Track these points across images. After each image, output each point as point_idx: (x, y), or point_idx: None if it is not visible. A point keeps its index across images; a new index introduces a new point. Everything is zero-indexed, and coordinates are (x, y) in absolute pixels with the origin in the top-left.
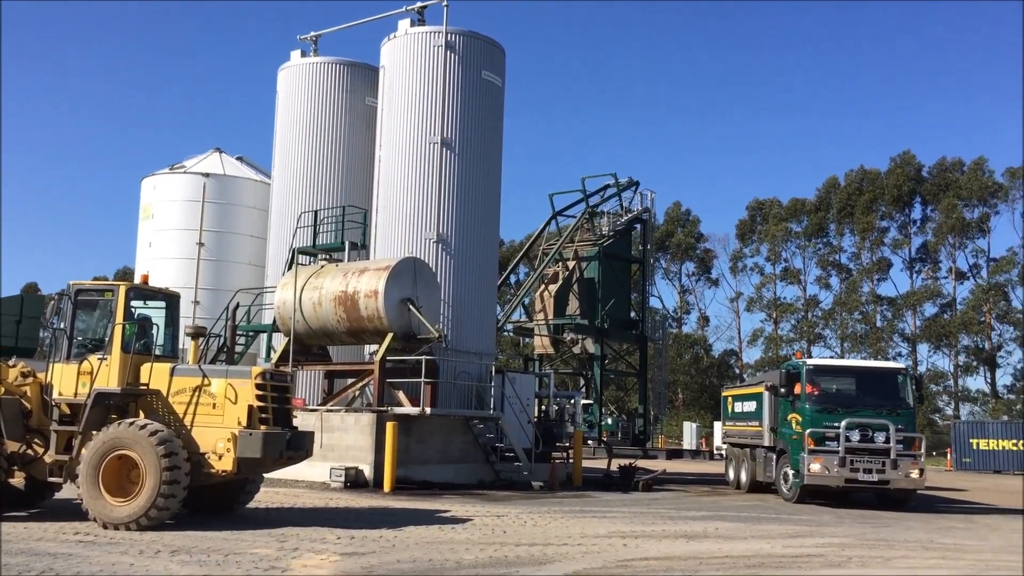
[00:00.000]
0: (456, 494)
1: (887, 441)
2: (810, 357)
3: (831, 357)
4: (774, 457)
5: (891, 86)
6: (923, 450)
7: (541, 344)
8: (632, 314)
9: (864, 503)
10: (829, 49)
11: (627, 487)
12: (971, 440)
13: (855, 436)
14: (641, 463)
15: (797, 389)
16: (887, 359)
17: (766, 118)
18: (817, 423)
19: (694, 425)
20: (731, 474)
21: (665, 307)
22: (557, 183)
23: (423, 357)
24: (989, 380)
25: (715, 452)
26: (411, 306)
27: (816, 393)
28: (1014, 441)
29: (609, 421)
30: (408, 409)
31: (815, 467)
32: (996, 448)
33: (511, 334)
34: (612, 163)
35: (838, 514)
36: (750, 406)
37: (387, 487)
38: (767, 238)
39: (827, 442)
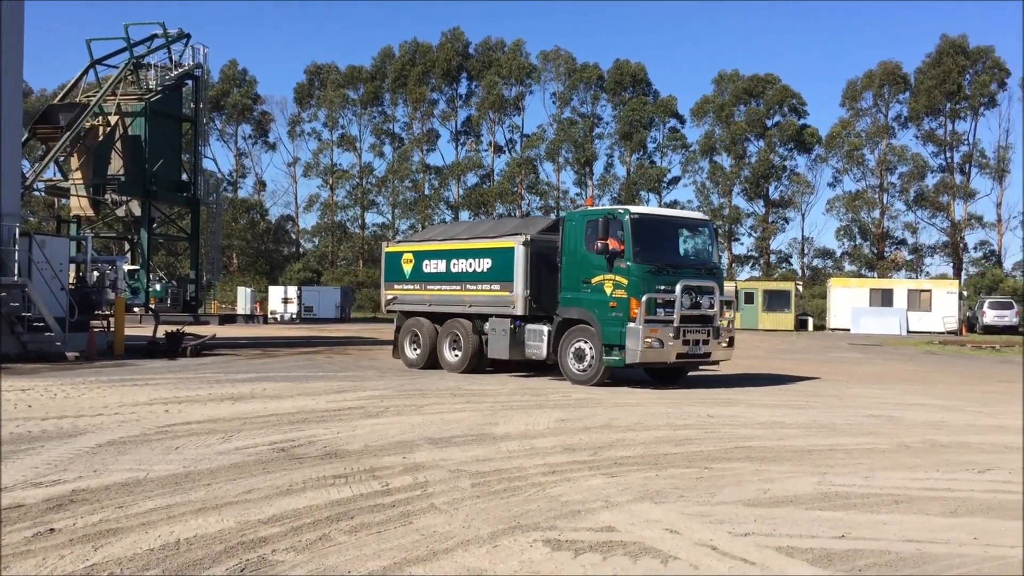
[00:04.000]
0: None
1: (711, 306)
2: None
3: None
4: (544, 330)
5: None
6: (733, 315)
7: (79, 205)
8: (184, 176)
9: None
10: None
11: (174, 354)
12: None
13: (686, 302)
14: (191, 329)
15: (612, 244)
16: (431, 224)
17: None
18: (649, 286)
19: (249, 290)
20: (409, 352)
21: (220, 170)
22: (96, 28)
23: None
24: None
25: (269, 316)
26: None
27: (642, 249)
28: None
29: (158, 287)
30: None
31: (649, 340)
32: None
33: (43, 194)
34: (160, 12)
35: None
36: (476, 265)
37: None
38: (325, 104)
39: (657, 309)
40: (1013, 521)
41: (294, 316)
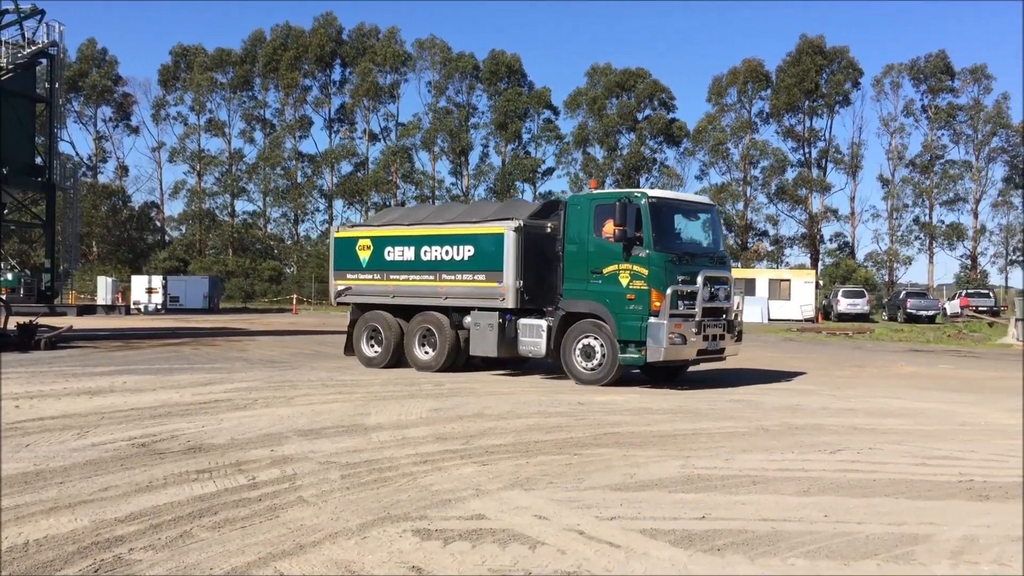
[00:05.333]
0: None
1: (727, 298)
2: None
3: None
4: (543, 325)
5: None
6: (741, 308)
7: None
8: (38, 159)
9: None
10: None
11: (27, 347)
12: None
13: (706, 294)
14: (46, 320)
15: (609, 229)
16: (308, 213)
17: None
18: (671, 277)
19: (110, 280)
20: (367, 349)
21: (78, 154)
22: None
23: None
24: None
25: (132, 307)
26: None
27: (660, 237)
28: None
29: (9, 276)
30: None
31: (672, 336)
32: None
33: None
34: None
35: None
36: (455, 252)
37: None
38: (192, 87)
39: (679, 302)
40: (860, 499)
41: (159, 307)
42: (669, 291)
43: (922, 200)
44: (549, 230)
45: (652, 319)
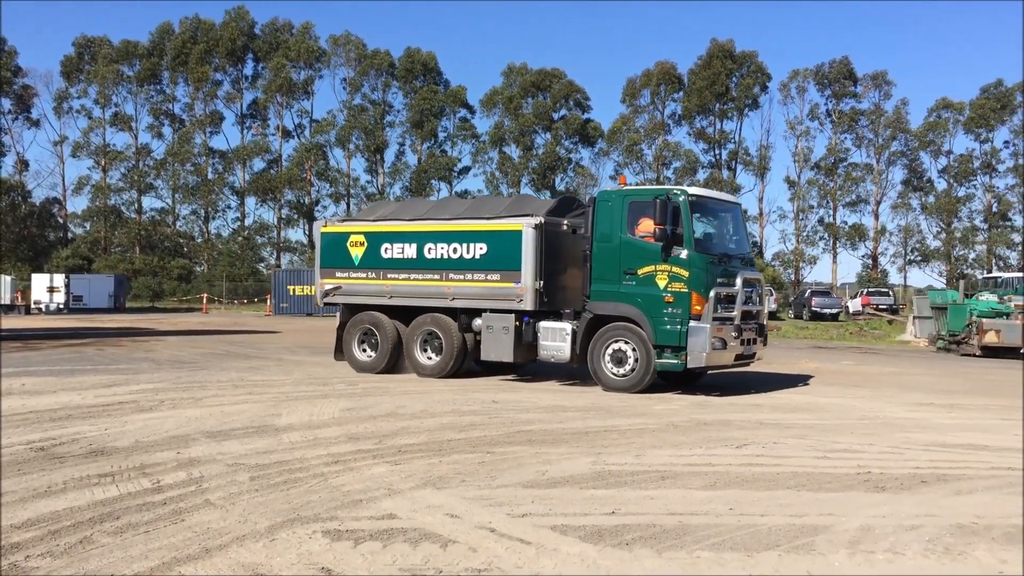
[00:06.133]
0: None
1: (760, 301)
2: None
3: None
4: (567, 328)
5: None
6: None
7: None
8: None
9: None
10: None
11: None
12: (288, 286)
13: (744, 297)
14: None
15: (646, 227)
16: (218, 210)
17: None
18: (712, 279)
19: (8, 278)
20: (359, 353)
21: None
22: None
23: None
24: (307, 232)
25: (33, 307)
26: None
27: (702, 237)
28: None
29: None
30: None
31: (714, 341)
32: (310, 293)
33: None
34: None
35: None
36: (465, 250)
37: None
38: (96, 79)
39: (719, 306)
40: (764, 492)
41: (61, 306)
42: (712, 293)
43: (826, 201)
44: (565, 227)
45: (693, 323)
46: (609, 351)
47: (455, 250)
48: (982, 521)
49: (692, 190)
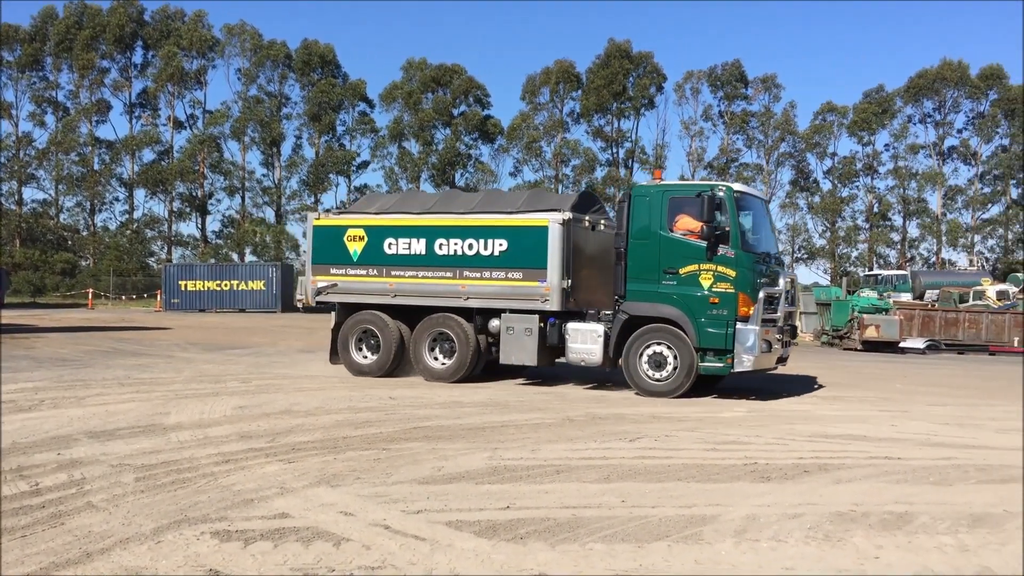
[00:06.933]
0: None
1: (793, 302)
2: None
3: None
4: (599, 330)
5: None
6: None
7: None
8: None
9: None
10: None
11: None
12: (180, 282)
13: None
14: None
15: (687, 224)
16: (105, 202)
17: None
18: (757, 280)
19: None
20: (357, 355)
21: None
22: None
23: None
24: (200, 226)
25: None
26: None
27: (747, 235)
28: (217, 282)
29: None
30: None
31: (762, 343)
32: (202, 289)
33: None
34: None
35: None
36: (482, 246)
37: None
38: None
39: (764, 307)
40: (656, 484)
41: None
42: (761, 294)
43: None
44: (587, 224)
45: (741, 325)
46: (647, 354)
47: (471, 246)
48: (860, 508)
49: (736, 186)
